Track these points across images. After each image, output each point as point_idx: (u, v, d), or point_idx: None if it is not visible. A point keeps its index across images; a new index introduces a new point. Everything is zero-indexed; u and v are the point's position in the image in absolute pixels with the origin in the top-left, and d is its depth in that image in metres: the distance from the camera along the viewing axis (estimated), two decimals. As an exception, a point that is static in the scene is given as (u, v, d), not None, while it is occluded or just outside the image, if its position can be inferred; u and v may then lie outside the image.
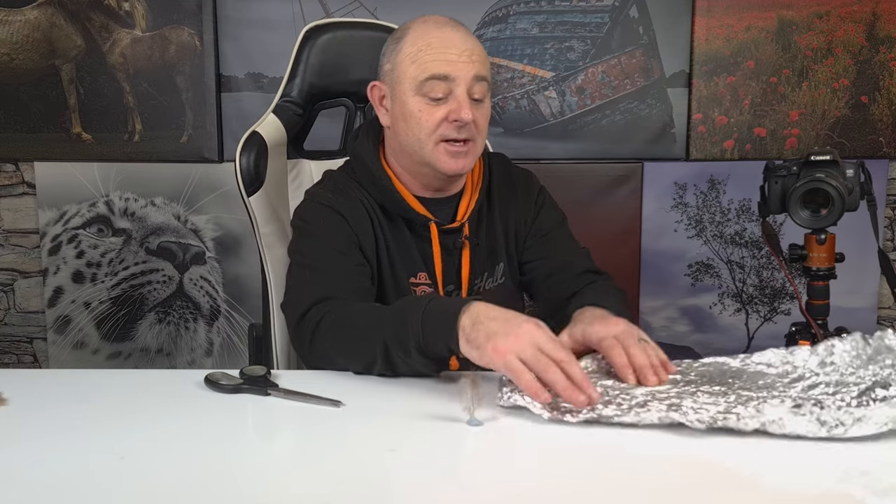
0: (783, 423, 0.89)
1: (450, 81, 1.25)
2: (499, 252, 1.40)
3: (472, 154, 1.30)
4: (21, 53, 2.31)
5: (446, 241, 1.34)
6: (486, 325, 0.98)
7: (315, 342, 1.16)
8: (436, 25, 1.29)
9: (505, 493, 0.78)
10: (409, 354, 1.04)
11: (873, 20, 2.32)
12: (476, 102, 1.27)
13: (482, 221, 1.39)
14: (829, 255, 1.66)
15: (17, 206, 2.39)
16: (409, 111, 1.27)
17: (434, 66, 1.25)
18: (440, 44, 1.26)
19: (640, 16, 2.29)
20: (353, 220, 1.30)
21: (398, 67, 1.29)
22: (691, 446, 0.88)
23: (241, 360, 2.38)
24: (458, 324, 0.99)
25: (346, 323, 1.13)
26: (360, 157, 1.36)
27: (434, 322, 1.02)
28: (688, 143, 2.35)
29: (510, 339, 0.95)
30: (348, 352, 1.12)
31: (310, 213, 1.33)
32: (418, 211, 1.32)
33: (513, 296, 1.44)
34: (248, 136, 1.47)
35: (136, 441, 0.90)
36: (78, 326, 2.40)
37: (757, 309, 2.42)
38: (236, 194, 1.48)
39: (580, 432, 0.92)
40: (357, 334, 1.11)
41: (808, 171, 1.62)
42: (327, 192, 1.34)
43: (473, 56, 1.26)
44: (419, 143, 1.28)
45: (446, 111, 1.25)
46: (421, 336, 1.03)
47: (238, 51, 2.30)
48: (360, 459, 0.86)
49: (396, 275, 1.33)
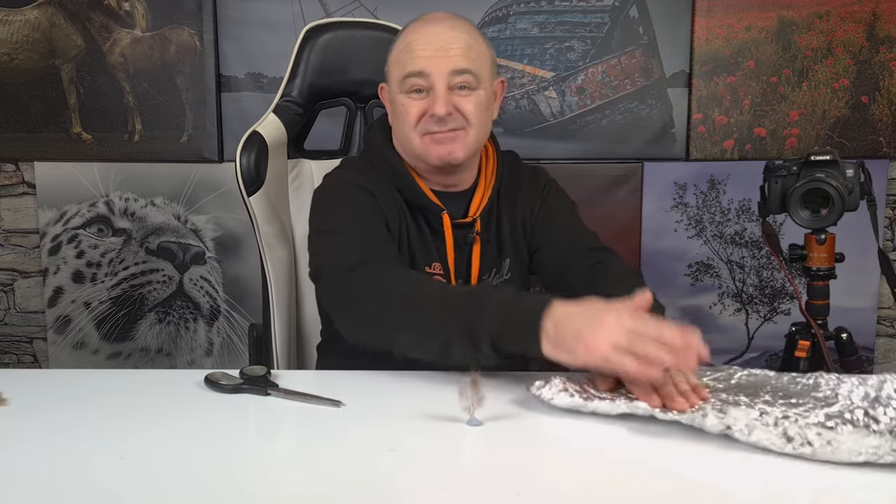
0: (746, 432, 0.87)
1: (426, 76, 1.27)
2: (505, 247, 1.41)
3: (462, 141, 1.30)
4: (21, 53, 2.30)
5: (458, 236, 1.35)
6: (570, 325, 0.95)
7: (367, 303, 1.11)
8: (423, 23, 1.31)
9: (505, 493, 0.78)
10: (477, 349, 1.00)
11: (873, 20, 2.32)
12: (464, 90, 1.28)
13: (492, 219, 1.40)
14: (829, 255, 1.66)
15: (17, 206, 2.39)
16: (397, 108, 1.32)
17: (411, 63, 1.28)
18: (419, 41, 1.29)
19: (640, 16, 2.29)
20: (381, 198, 1.31)
21: (389, 68, 1.35)
22: (691, 445, 0.88)
23: (241, 360, 2.38)
24: (541, 326, 0.97)
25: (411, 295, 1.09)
26: (375, 147, 1.38)
27: (513, 321, 0.99)
28: (688, 143, 2.35)
29: (599, 333, 0.93)
30: (404, 325, 1.07)
31: (337, 187, 1.33)
32: (432, 199, 1.33)
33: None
34: (249, 136, 1.47)
35: (136, 441, 0.90)
36: (78, 326, 2.40)
37: (757, 309, 2.42)
38: (236, 194, 1.48)
39: (580, 433, 0.92)
40: (422, 312, 1.07)
41: (808, 171, 1.62)
42: (353, 172, 1.35)
43: (452, 50, 1.27)
44: (407, 138, 1.31)
45: (426, 106, 1.28)
46: (499, 333, 0.99)
47: (238, 51, 2.30)
48: (360, 459, 0.86)
49: (414, 262, 1.33)
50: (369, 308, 1.11)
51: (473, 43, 1.30)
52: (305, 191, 1.62)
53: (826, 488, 0.81)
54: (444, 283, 1.14)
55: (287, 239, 1.55)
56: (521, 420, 0.95)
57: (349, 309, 1.15)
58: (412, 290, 1.11)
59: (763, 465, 0.84)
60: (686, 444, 0.89)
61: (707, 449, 0.88)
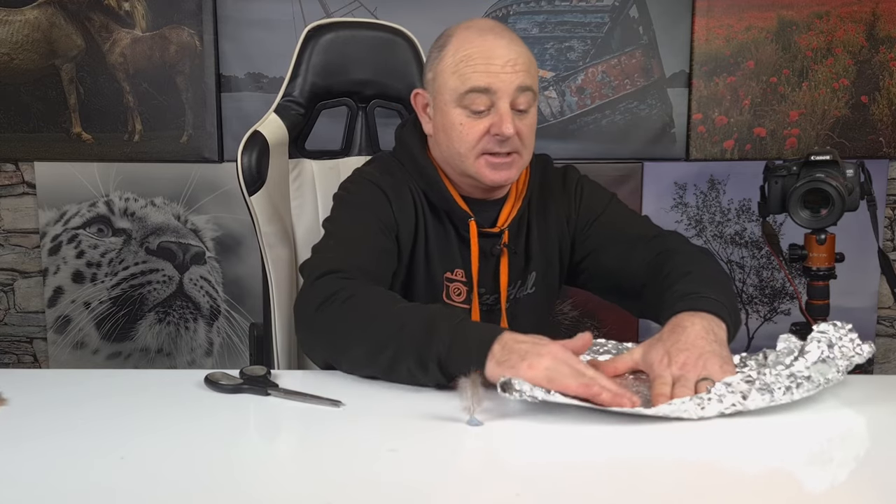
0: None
1: (491, 94, 1.22)
2: (533, 261, 1.37)
3: (517, 166, 1.27)
4: (21, 53, 2.30)
5: (484, 245, 1.32)
6: (517, 348, 0.98)
7: (325, 311, 1.10)
8: (479, 33, 1.25)
9: (505, 493, 0.78)
10: (425, 368, 1.02)
11: (873, 20, 2.32)
12: (520, 113, 1.24)
13: (521, 230, 1.37)
14: (829, 255, 1.66)
15: (17, 206, 2.39)
16: (451, 123, 1.26)
17: (475, 78, 1.22)
18: (481, 54, 1.22)
19: (640, 16, 2.29)
20: (396, 202, 1.29)
21: (439, 77, 1.27)
22: (691, 446, 0.88)
23: (241, 360, 2.38)
24: (490, 350, 0.99)
25: (367, 308, 1.09)
26: (407, 146, 1.35)
27: (464, 344, 1.00)
28: (688, 143, 2.35)
29: (543, 357, 0.96)
30: (357, 338, 1.07)
31: (355, 186, 1.32)
32: (460, 205, 1.31)
33: (541, 306, 1.42)
34: (250, 136, 1.47)
35: (136, 441, 0.90)
36: (78, 326, 2.40)
37: (757, 309, 2.42)
38: (236, 194, 1.48)
39: (581, 433, 0.92)
40: (373, 326, 1.06)
41: (808, 171, 1.62)
42: (377, 171, 1.33)
43: (517, 66, 1.22)
44: (460, 156, 1.27)
45: (488, 124, 1.23)
46: (446, 356, 1.00)
47: (238, 51, 2.30)
48: (360, 459, 0.86)
49: (431, 267, 1.32)
50: (326, 317, 1.10)
51: (530, 58, 1.27)
52: (306, 190, 1.62)
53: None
54: (402, 303, 1.10)
55: (288, 238, 1.55)
56: (521, 420, 0.95)
57: (310, 312, 1.13)
58: (369, 305, 1.10)
59: (769, 465, 0.84)
60: (687, 444, 0.89)
61: (708, 449, 0.88)
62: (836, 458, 0.88)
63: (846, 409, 1.00)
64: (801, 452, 0.88)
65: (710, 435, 0.91)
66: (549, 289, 1.41)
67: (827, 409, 0.99)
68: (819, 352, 1.00)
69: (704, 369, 0.98)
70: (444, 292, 1.34)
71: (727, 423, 0.94)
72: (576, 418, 0.94)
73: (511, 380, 0.93)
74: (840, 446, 0.91)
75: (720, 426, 0.93)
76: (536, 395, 0.92)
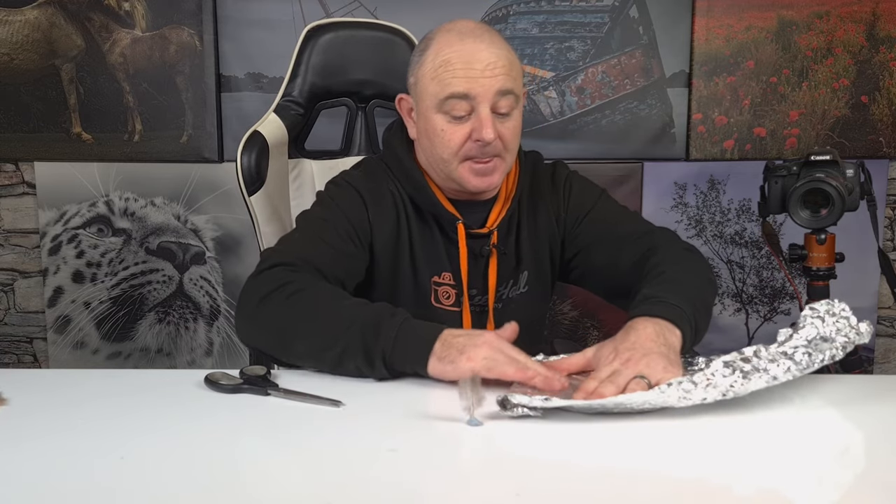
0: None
1: (471, 99, 1.21)
2: (524, 260, 1.37)
3: (500, 170, 1.27)
4: (21, 53, 2.30)
5: (473, 246, 1.32)
6: (455, 343, 1.03)
7: (268, 303, 1.11)
8: (458, 37, 1.24)
9: (505, 493, 0.78)
10: (371, 365, 1.05)
11: (873, 20, 2.32)
12: (502, 117, 1.23)
13: (511, 230, 1.36)
14: (829, 255, 1.66)
15: (17, 206, 2.39)
16: (433, 129, 1.25)
17: (454, 83, 1.21)
18: (460, 58, 1.21)
19: (640, 16, 2.29)
20: (374, 208, 1.29)
21: (420, 82, 1.26)
22: (691, 446, 0.88)
23: (241, 360, 2.38)
24: (432, 348, 1.03)
25: (314, 304, 1.10)
26: (393, 150, 1.34)
27: (408, 342, 1.04)
28: (688, 143, 2.35)
29: (480, 348, 1.01)
30: (301, 333, 1.08)
31: (336, 188, 1.32)
32: (447, 209, 1.30)
33: (535, 304, 1.41)
34: (250, 136, 1.47)
35: (136, 441, 0.90)
36: (78, 326, 2.40)
37: (757, 309, 2.42)
38: (236, 194, 1.48)
39: (581, 433, 0.92)
40: (319, 322, 1.08)
41: (808, 171, 1.62)
42: (360, 175, 1.33)
43: (497, 70, 1.21)
44: (443, 162, 1.26)
45: (469, 130, 1.22)
46: (391, 353, 1.04)
47: (238, 51, 2.30)
48: (359, 459, 0.86)
49: (418, 271, 1.31)
50: (268, 309, 1.11)
51: (512, 59, 1.25)
52: (306, 190, 1.62)
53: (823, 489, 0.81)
54: (347, 300, 1.11)
55: (287, 239, 1.55)
56: (521, 420, 0.95)
57: (253, 305, 1.13)
58: (315, 301, 1.10)
59: (764, 465, 0.84)
60: (687, 444, 0.89)
61: (708, 450, 0.88)
62: (835, 458, 0.88)
63: (846, 409, 1.00)
64: (800, 452, 0.88)
65: (710, 435, 0.91)
66: (543, 287, 1.41)
67: (827, 408, 0.99)
68: (814, 330, 1.01)
69: (647, 367, 0.97)
70: (432, 296, 1.33)
71: (725, 421, 0.94)
72: (576, 418, 0.95)
73: (507, 397, 0.94)
74: (840, 446, 0.91)
75: (719, 425, 0.93)
76: (536, 405, 0.93)
